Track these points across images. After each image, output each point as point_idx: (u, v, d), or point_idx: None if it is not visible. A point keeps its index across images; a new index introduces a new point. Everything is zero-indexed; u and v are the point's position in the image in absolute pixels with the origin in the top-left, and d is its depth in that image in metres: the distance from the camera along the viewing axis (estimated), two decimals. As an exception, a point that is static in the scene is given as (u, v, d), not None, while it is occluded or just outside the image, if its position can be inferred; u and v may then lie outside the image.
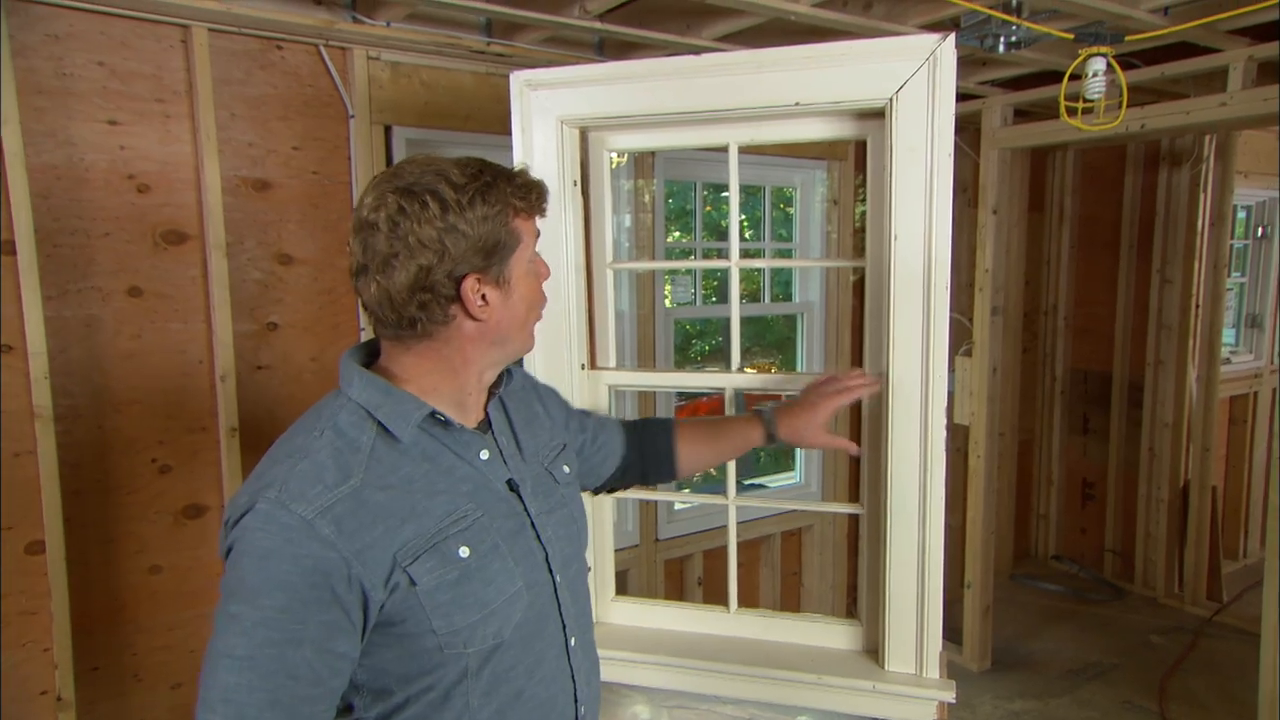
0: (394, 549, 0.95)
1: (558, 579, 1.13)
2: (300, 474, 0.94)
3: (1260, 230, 4.79)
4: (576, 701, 1.15)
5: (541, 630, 1.10)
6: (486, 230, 0.99)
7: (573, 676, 1.14)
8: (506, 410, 1.19)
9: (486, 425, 1.13)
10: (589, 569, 1.33)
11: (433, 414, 1.03)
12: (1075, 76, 2.56)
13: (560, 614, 1.13)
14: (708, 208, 4.60)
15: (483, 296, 1.01)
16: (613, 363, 1.92)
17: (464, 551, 1.00)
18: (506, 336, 1.06)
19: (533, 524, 1.11)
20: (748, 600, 3.53)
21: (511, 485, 1.11)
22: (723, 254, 3.70)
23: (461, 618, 0.99)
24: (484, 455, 1.08)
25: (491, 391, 1.14)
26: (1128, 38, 2.46)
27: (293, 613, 0.90)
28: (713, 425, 1.59)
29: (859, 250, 3.51)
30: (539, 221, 1.08)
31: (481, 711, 1.03)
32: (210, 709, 0.90)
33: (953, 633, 3.53)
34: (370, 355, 1.09)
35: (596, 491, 1.54)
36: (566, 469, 1.25)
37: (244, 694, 0.89)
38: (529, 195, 1.03)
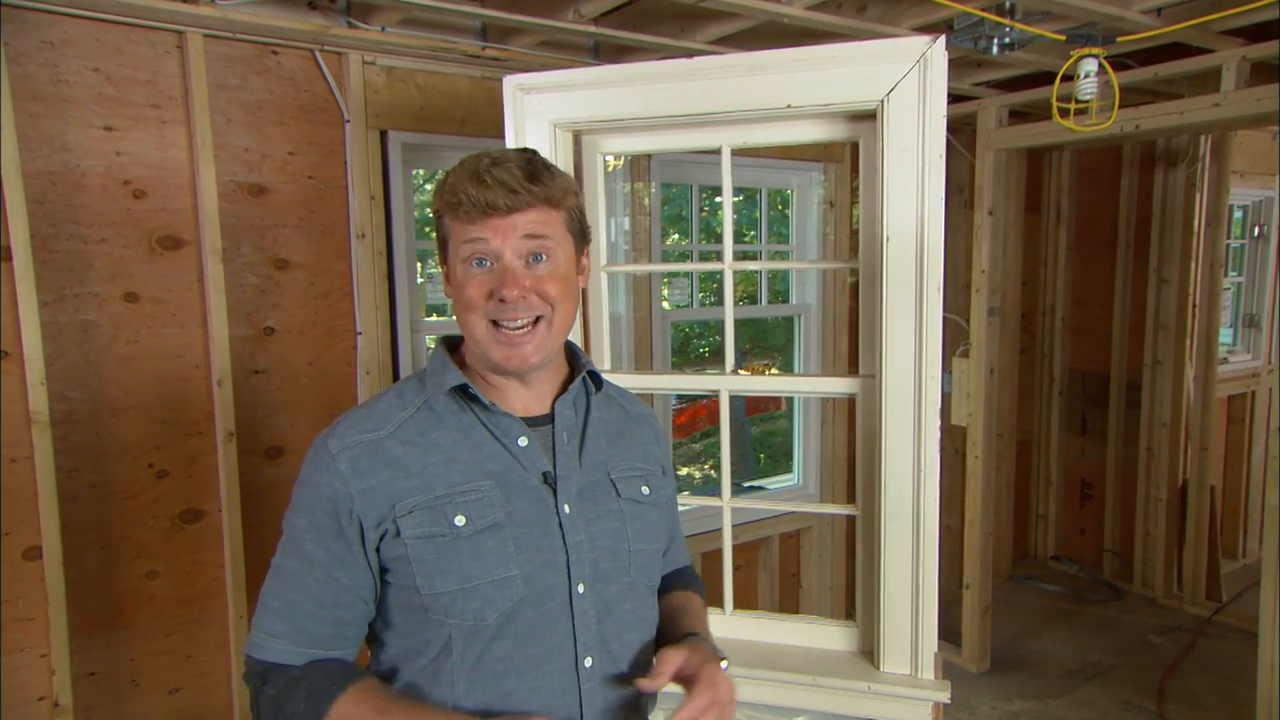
0: (394, 498, 1.03)
1: (579, 589, 1.06)
2: (350, 418, 1.08)
3: (1257, 230, 4.79)
4: None
5: (542, 634, 1.05)
6: (439, 219, 1.09)
7: (580, 699, 1.07)
8: (588, 413, 1.16)
9: (549, 418, 1.11)
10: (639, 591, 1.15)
11: (463, 387, 1.07)
12: (1068, 78, 2.57)
13: (574, 626, 1.06)
14: (703, 213, 4.60)
15: (445, 279, 1.11)
16: (608, 365, 1.93)
17: (459, 520, 1.02)
18: (461, 323, 1.09)
19: (560, 524, 1.06)
20: (746, 602, 3.53)
21: (547, 478, 1.08)
22: (720, 256, 3.72)
23: (442, 583, 1.01)
24: (522, 442, 1.07)
25: (567, 386, 1.14)
26: (1120, 39, 2.47)
27: (310, 533, 1.04)
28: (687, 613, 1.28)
29: (855, 252, 3.51)
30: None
31: (466, 699, 1.02)
32: (260, 596, 1.08)
33: (952, 634, 3.53)
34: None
35: None
36: (646, 490, 1.18)
37: (270, 596, 1.06)
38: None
